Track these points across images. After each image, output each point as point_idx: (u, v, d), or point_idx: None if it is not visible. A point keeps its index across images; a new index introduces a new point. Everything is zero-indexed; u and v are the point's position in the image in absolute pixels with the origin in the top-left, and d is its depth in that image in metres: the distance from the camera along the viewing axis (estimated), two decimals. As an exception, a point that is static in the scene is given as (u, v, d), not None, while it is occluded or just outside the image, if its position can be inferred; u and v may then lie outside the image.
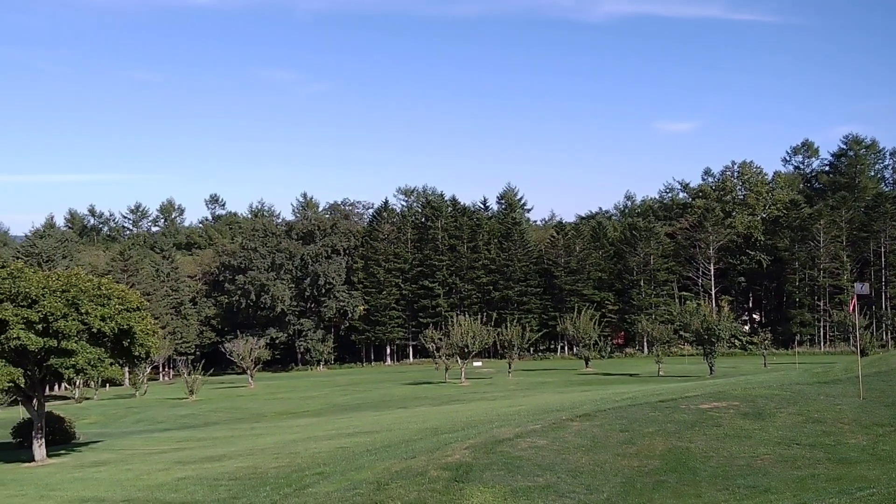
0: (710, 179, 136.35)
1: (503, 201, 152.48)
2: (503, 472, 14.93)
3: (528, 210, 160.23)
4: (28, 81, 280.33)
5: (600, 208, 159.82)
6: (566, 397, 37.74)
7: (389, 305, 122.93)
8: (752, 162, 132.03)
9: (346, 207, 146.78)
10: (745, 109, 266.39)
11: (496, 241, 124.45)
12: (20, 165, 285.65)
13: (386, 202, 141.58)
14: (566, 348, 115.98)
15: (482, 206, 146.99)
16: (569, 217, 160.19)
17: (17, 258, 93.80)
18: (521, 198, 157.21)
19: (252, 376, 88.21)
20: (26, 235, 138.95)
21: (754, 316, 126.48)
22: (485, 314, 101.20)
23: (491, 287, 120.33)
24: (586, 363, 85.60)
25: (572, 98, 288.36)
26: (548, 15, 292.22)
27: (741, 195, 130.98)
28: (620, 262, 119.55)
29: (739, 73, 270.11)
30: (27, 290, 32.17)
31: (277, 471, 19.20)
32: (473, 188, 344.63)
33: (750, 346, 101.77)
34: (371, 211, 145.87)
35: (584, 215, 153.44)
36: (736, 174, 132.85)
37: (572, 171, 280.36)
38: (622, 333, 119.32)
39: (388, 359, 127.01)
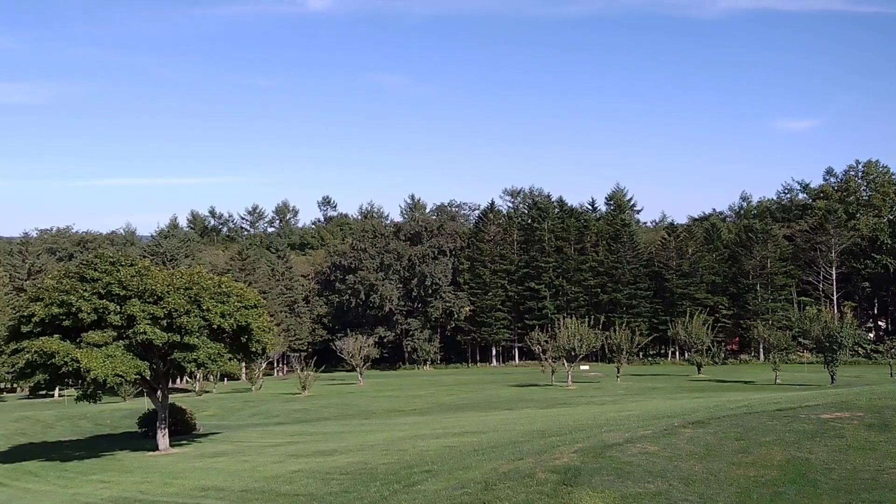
0: (833, 180, 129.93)
1: (612, 202, 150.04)
2: (612, 477, 14.71)
3: (638, 211, 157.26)
4: (153, 89, 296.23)
5: (714, 209, 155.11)
6: (677, 403, 36.79)
7: (495, 307, 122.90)
8: (877, 161, 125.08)
9: (453, 209, 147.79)
10: (871, 106, 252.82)
11: (604, 242, 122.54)
12: (147, 169, 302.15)
13: (492, 203, 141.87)
14: (677, 353, 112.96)
15: (590, 207, 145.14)
16: (680, 218, 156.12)
17: (144, 257, 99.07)
18: (631, 199, 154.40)
19: (361, 374, 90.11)
20: (152, 235, 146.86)
21: (880, 323, 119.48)
22: (592, 317, 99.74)
23: (599, 290, 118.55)
24: (698, 369, 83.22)
25: (686, 95, 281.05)
26: (662, 12, 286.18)
27: (866, 196, 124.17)
28: (735, 265, 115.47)
29: (863, 68, 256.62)
30: (153, 287, 33.99)
31: (387, 467, 19.54)
32: (581, 189, 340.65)
33: (875, 355, 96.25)
34: (477, 212, 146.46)
35: (696, 217, 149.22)
36: (860, 174, 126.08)
37: (684, 171, 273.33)
38: (737, 339, 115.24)
39: (494, 360, 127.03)
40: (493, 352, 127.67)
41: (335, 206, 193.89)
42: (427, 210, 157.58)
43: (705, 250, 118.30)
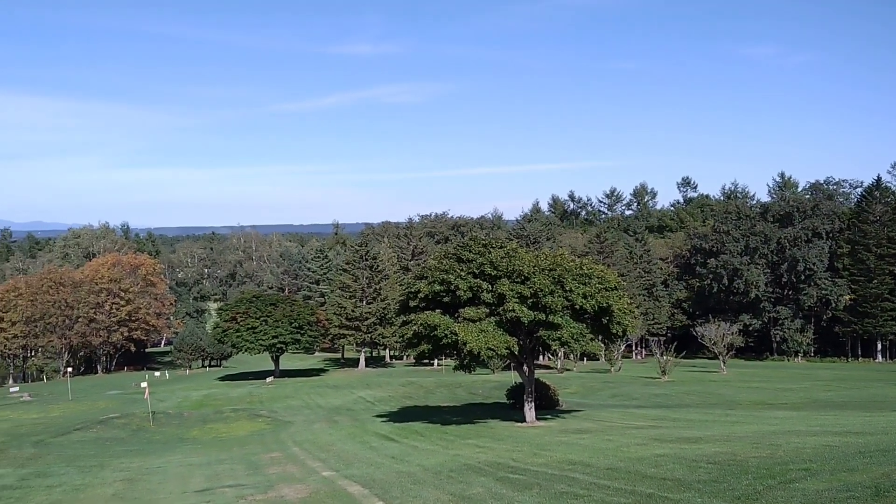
0: None
1: None
2: None
3: None
4: (516, 80, 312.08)
5: None
6: None
7: (881, 296, 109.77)
8: None
9: (830, 187, 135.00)
10: None
11: None
12: (512, 157, 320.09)
13: (878, 180, 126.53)
14: None
15: None
16: None
17: (510, 240, 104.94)
18: None
19: (724, 362, 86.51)
20: (517, 219, 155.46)
21: None
22: None
23: None
24: None
25: None
26: None
27: None
28: None
29: None
30: (521, 268, 35.88)
31: (758, 461, 18.52)
32: None
33: None
34: (859, 190, 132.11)
35: None
36: None
37: None
38: None
39: (879, 355, 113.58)
40: (879, 346, 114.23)
41: (695, 187, 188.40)
42: (799, 189, 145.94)
43: None
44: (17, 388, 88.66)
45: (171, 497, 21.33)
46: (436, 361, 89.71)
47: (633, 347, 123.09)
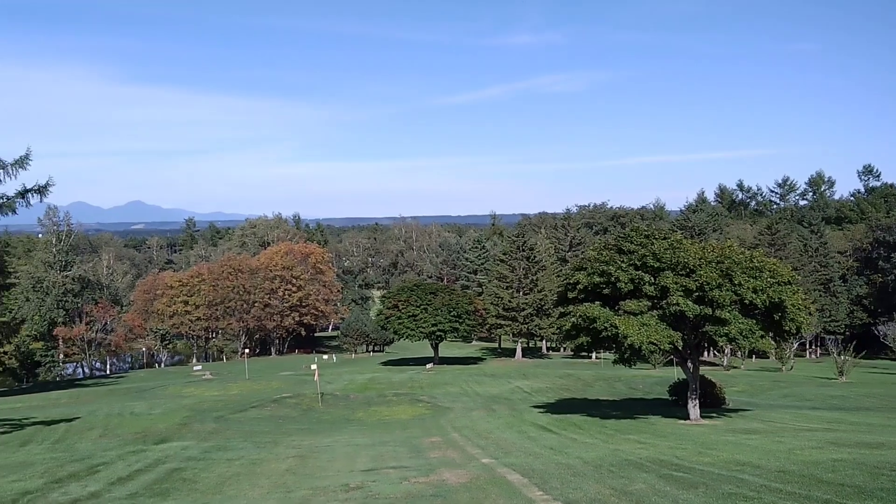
0: None
1: None
2: None
3: None
4: (684, 66, 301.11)
5: None
6: None
7: None
8: None
9: None
10: None
11: None
12: (675, 146, 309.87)
13: None
14: None
15: None
16: None
17: (674, 231, 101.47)
18: None
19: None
20: (680, 210, 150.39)
21: None
22: None
23: None
24: None
25: None
26: None
27: None
28: None
29: None
30: (686, 260, 34.72)
31: (951, 472, 17.08)
32: None
33: None
34: None
35: None
36: None
37: None
38: None
39: None
40: None
41: (878, 176, 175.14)
42: None
43: None
44: (199, 367, 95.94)
45: (340, 475, 22.35)
46: (594, 354, 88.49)
47: (808, 346, 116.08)
